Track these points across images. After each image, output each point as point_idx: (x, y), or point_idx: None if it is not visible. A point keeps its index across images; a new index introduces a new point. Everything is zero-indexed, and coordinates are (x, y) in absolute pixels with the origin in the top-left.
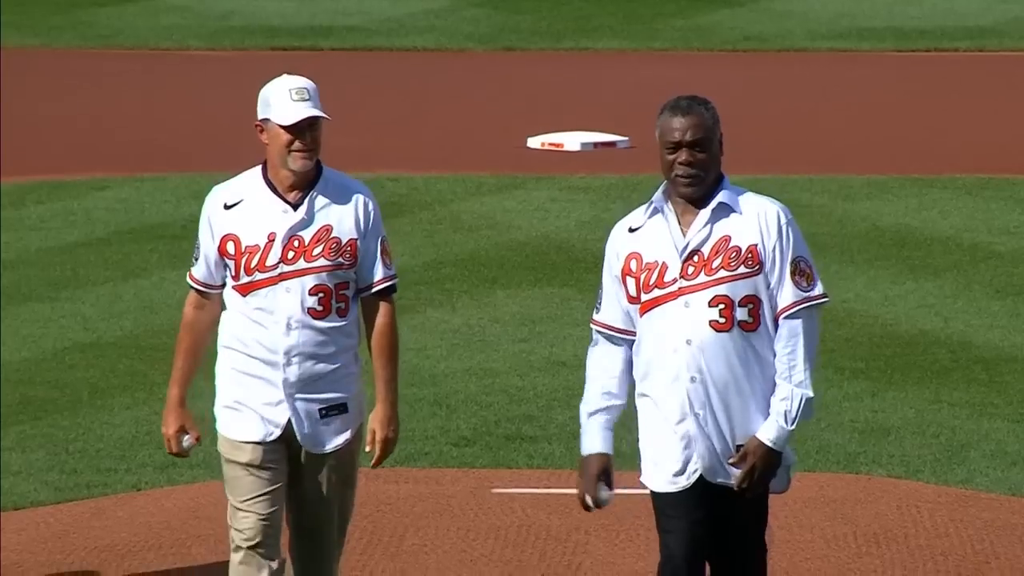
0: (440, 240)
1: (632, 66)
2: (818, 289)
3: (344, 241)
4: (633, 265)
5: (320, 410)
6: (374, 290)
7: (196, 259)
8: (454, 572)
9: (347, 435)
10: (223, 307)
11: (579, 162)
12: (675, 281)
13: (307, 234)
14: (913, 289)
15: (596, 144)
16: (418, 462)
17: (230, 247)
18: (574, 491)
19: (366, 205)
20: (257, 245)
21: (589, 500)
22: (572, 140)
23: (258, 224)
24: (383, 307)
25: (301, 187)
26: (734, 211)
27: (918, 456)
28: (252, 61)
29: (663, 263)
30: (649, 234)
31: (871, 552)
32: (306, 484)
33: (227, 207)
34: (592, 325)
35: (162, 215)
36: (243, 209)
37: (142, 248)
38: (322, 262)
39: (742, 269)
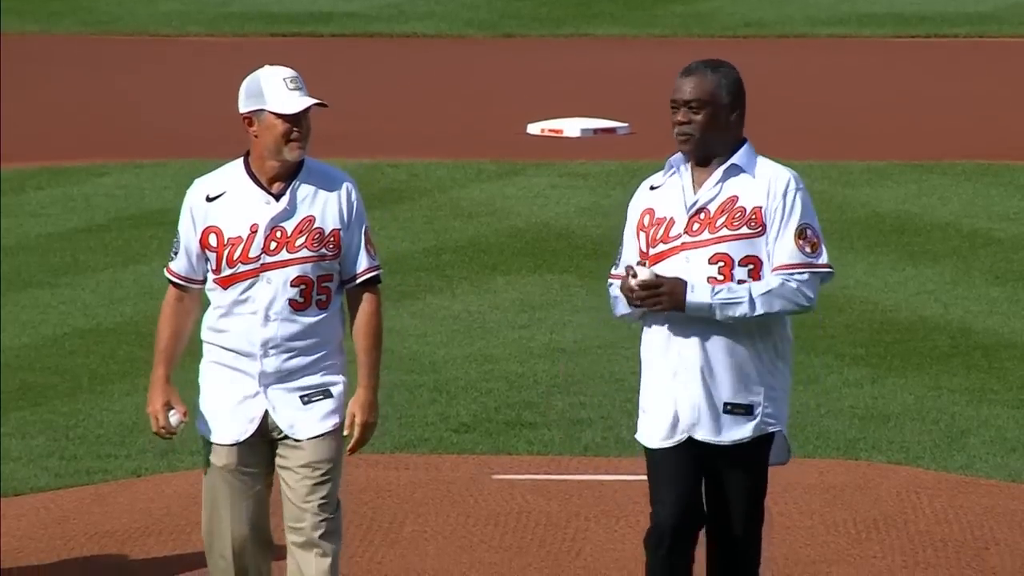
0: (440, 226)
1: (632, 52)
2: (823, 258)
3: (327, 232)
4: (646, 220)
5: (301, 397)
6: (358, 281)
7: (176, 253)
8: (454, 558)
9: (334, 420)
10: (204, 305)
11: (579, 148)
12: (679, 236)
13: (289, 225)
14: (913, 275)
15: (596, 130)
16: (418, 448)
17: (212, 239)
18: (574, 477)
19: (349, 195)
20: (240, 236)
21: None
22: (572, 126)
23: (241, 215)
24: (367, 297)
25: (284, 178)
26: (745, 173)
27: (918, 442)
28: (252, 47)
29: (671, 218)
30: (665, 192)
31: (871, 538)
32: (292, 473)
33: (209, 199)
34: (609, 279)
35: (162, 201)
36: (226, 201)
37: (142, 234)
38: (305, 253)
39: (744, 229)
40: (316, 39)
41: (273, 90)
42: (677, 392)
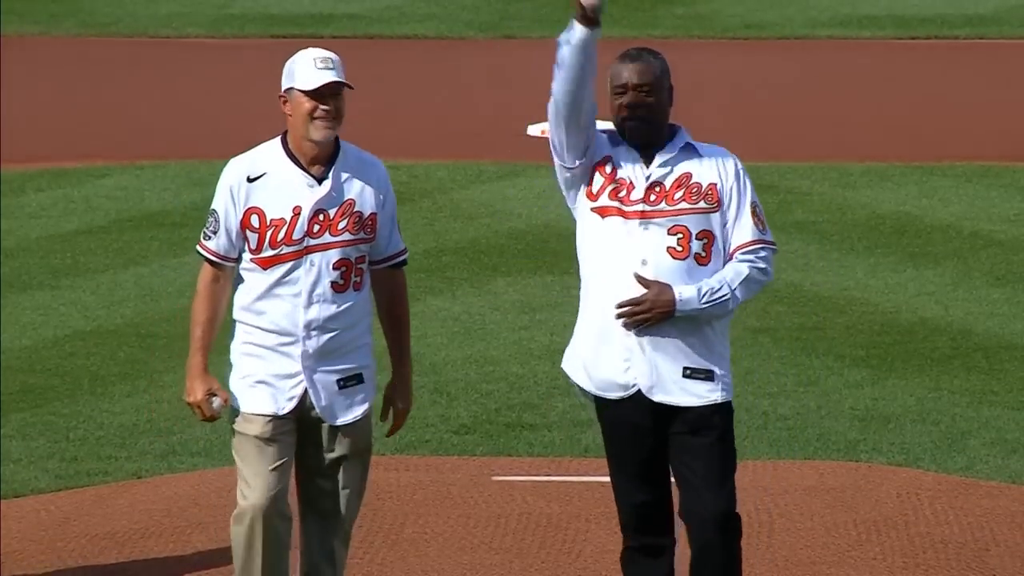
0: (440, 228)
1: None
2: (770, 234)
3: (366, 215)
4: (608, 168)
5: (338, 381)
6: (392, 262)
7: (215, 232)
8: (454, 559)
9: (365, 407)
10: (237, 281)
11: None
12: (638, 202)
13: (332, 209)
14: (913, 277)
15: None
16: (418, 450)
17: (254, 220)
18: (574, 479)
19: (384, 179)
20: (283, 218)
21: None
22: None
23: (283, 197)
24: (399, 278)
25: (323, 160)
26: (696, 152)
27: (918, 444)
28: (252, 49)
29: (630, 182)
30: (623, 153)
31: (871, 540)
32: (322, 457)
33: (250, 180)
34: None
35: (162, 203)
36: (267, 182)
37: (142, 236)
38: (347, 236)
39: (702, 204)
40: (316, 41)
41: (302, 68)
42: (628, 353)
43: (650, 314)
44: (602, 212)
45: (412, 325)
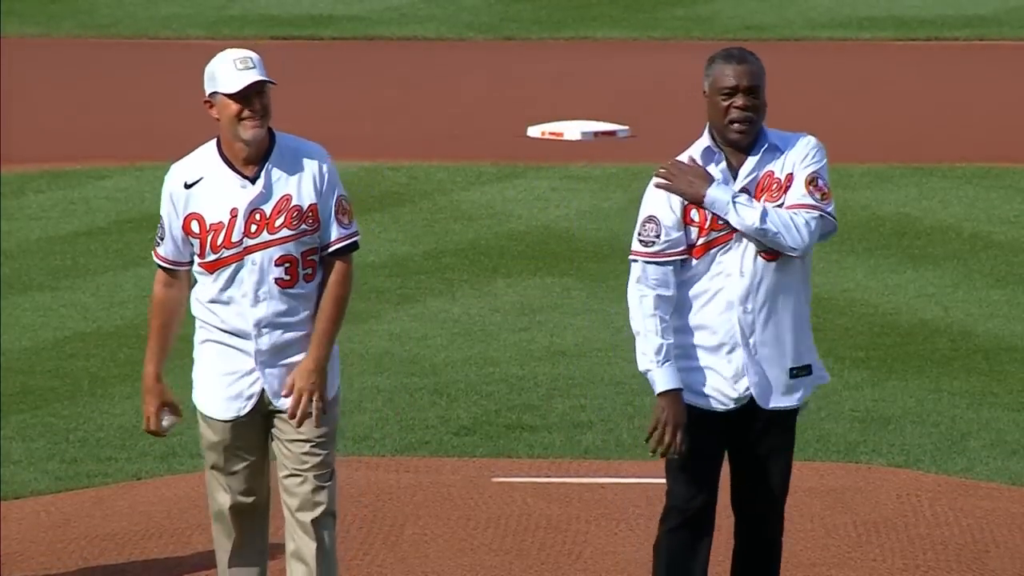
0: (440, 229)
1: (633, 55)
2: (832, 208)
3: (305, 208)
4: (694, 214)
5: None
6: (329, 250)
7: (162, 238)
8: (454, 561)
9: (328, 392)
10: (193, 282)
11: (579, 151)
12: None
13: (268, 206)
14: (913, 278)
15: (596, 133)
16: (418, 451)
17: (194, 226)
18: (574, 480)
19: (320, 167)
20: (221, 222)
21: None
22: (572, 129)
23: (219, 201)
24: (337, 266)
25: (256, 159)
26: (777, 149)
27: (918, 445)
28: (252, 50)
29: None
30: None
31: (871, 541)
32: (292, 446)
33: (187, 186)
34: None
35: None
36: (204, 187)
37: (142, 237)
38: (285, 232)
39: (784, 199)
40: (316, 42)
41: (223, 71)
42: (737, 365)
43: (676, 182)
44: (700, 253)
45: (412, 326)
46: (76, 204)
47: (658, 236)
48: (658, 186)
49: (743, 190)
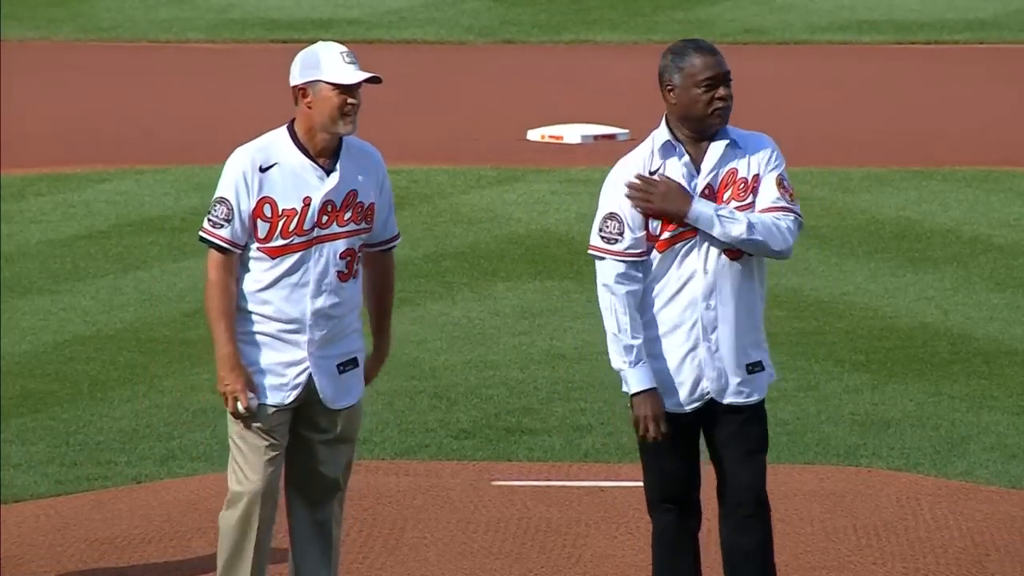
0: (440, 233)
1: (632, 58)
2: (799, 207)
3: (367, 205)
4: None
5: (338, 366)
6: (386, 247)
7: (227, 219)
8: (454, 565)
9: (360, 389)
10: (242, 270)
11: (579, 154)
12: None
13: (339, 199)
14: (913, 282)
15: (596, 136)
16: (418, 455)
17: (267, 209)
18: (574, 483)
19: (382, 168)
20: (294, 209)
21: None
22: (572, 132)
23: (294, 188)
24: (388, 262)
25: (330, 152)
26: (739, 147)
27: (918, 449)
28: (252, 54)
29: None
30: (669, 174)
31: (871, 545)
32: (318, 440)
33: (262, 169)
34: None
35: (162, 208)
36: (278, 172)
37: (142, 241)
38: (352, 227)
39: (750, 198)
40: None
41: (331, 62)
42: (697, 362)
43: (653, 197)
44: (664, 247)
45: (412, 330)
46: (76, 207)
47: (621, 233)
48: (637, 206)
49: (706, 186)
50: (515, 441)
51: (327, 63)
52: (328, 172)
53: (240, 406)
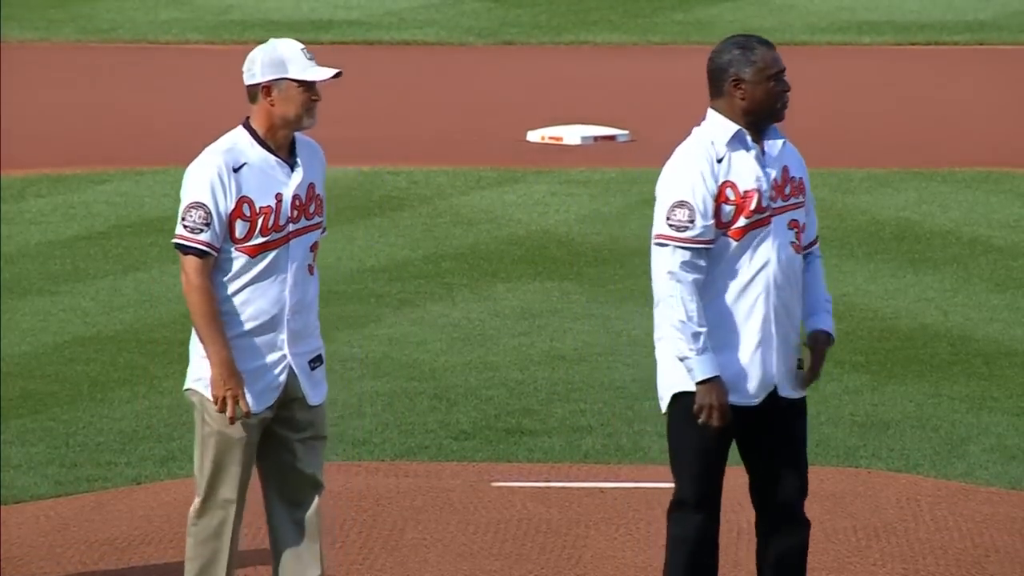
0: (440, 234)
1: (632, 60)
2: None
3: (323, 197)
4: (730, 193)
5: (309, 363)
6: (324, 235)
7: (204, 223)
8: (454, 565)
9: (326, 387)
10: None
11: (579, 156)
12: (767, 208)
13: (304, 193)
14: (913, 283)
15: (596, 138)
16: (418, 456)
17: (246, 209)
18: (574, 484)
19: (323, 158)
20: (269, 206)
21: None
22: (572, 134)
23: (266, 186)
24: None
25: (287, 147)
26: (788, 146)
27: (918, 450)
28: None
29: (754, 189)
30: (734, 163)
31: (871, 546)
32: (295, 438)
33: (235, 170)
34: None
35: (162, 209)
36: (249, 171)
37: (142, 242)
38: (316, 219)
39: (800, 197)
40: (316, 46)
41: (295, 60)
42: (762, 349)
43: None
44: (738, 235)
45: (412, 331)
46: (76, 208)
47: (692, 221)
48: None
49: (773, 178)
50: (515, 442)
51: (295, 62)
52: (292, 167)
53: (241, 409)
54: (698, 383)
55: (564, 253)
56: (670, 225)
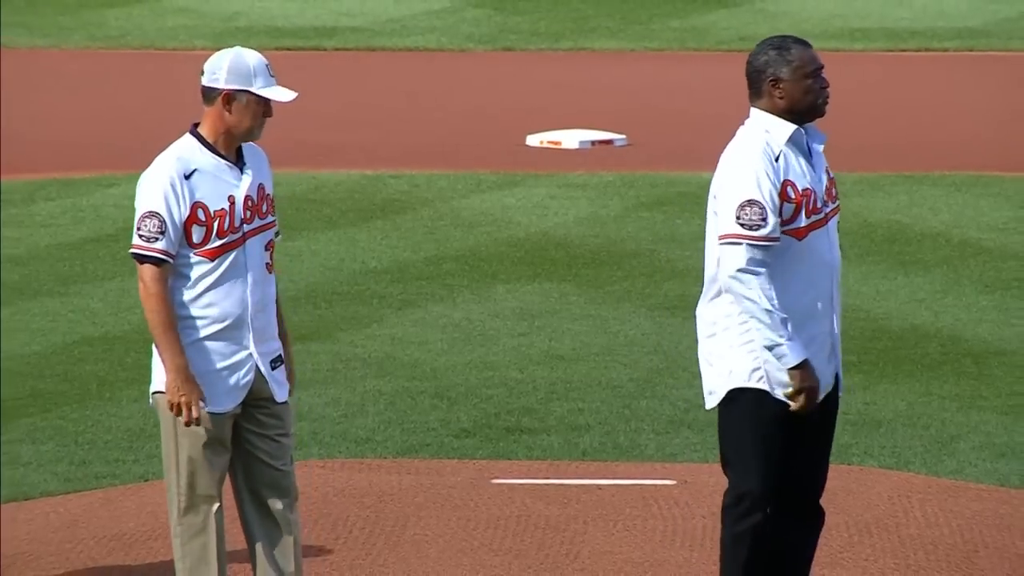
0: (441, 236)
1: (629, 66)
2: None
3: (272, 196)
4: (790, 192)
5: (271, 363)
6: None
7: (159, 232)
8: (454, 561)
9: (288, 387)
10: (175, 280)
11: (577, 160)
12: (824, 207)
13: (255, 194)
14: (904, 284)
15: (594, 142)
16: (419, 453)
17: (200, 214)
18: (572, 482)
19: (268, 159)
20: (223, 209)
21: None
22: (571, 138)
23: (219, 189)
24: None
25: (234, 151)
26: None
27: (909, 447)
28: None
29: (810, 189)
30: (789, 163)
31: (863, 541)
32: (265, 437)
33: (187, 176)
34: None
35: None
36: (201, 177)
37: None
38: (269, 219)
39: (838, 201)
40: (320, 53)
41: (261, 75)
42: (825, 346)
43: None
44: (802, 234)
45: (413, 331)
46: (85, 211)
47: (763, 219)
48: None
49: (822, 178)
50: (514, 440)
51: (257, 76)
52: (241, 170)
53: (196, 414)
54: (791, 368)
55: (563, 255)
56: (740, 224)
